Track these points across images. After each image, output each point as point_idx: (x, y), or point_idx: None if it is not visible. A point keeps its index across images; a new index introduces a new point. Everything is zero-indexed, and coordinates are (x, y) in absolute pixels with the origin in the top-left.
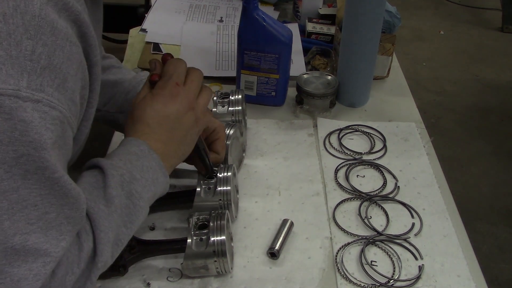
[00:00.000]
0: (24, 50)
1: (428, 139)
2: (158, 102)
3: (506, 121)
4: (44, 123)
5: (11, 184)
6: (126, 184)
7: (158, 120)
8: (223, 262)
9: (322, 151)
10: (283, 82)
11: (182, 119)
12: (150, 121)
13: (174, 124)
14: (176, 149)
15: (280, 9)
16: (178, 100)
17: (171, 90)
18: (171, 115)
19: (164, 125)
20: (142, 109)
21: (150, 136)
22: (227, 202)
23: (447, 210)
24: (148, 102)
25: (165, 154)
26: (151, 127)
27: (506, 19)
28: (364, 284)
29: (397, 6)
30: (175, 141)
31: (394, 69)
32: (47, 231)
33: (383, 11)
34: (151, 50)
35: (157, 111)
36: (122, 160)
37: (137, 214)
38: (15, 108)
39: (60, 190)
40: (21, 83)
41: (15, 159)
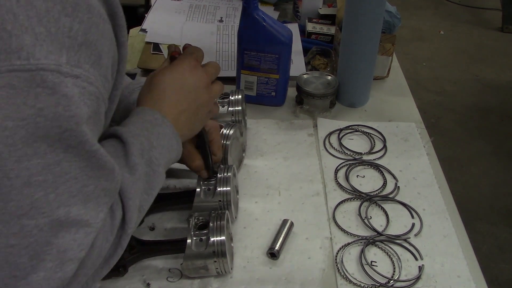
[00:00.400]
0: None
1: (428, 139)
2: (177, 72)
3: (506, 121)
4: (82, 98)
5: (54, 157)
6: (146, 152)
7: (175, 87)
8: (223, 263)
9: (322, 151)
10: (283, 82)
11: (197, 91)
12: (167, 87)
13: (189, 94)
14: (187, 120)
15: (280, 9)
16: (196, 74)
17: (191, 63)
18: (188, 85)
19: (180, 93)
20: (160, 76)
21: (164, 102)
22: (227, 203)
23: (447, 210)
24: (167, 71)
25: (177, 122)
26: (167, 93)
27: (506, 19)
28: (364, 284)
29: (397, 6)
30: (188, 111)
31: (394, 69)
32: (87, 203)
33: (383, 11)
34: (151, 50)
35: (175, 78)
36: (139, 128)
37: (157, 180)
38: (58, 83)
39: (97, 162)
40: (61, 59)
41: (59, 134)
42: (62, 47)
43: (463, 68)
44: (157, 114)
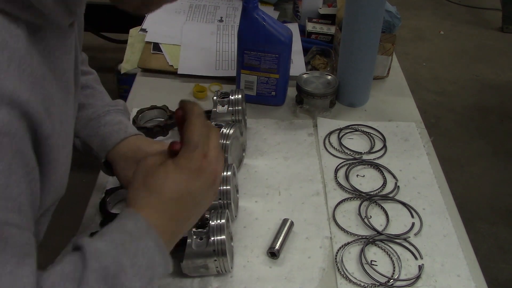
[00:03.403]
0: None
1: (428, 139)
2: (183, 175)
3: (506, 121)
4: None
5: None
6: (110, 279)
7: (179, 197)
8: (223, 262)
9: (322, 151)
10: (283, 82)
11: (203, 196)
12: (168, 196)
13: (196, 200)
14: (188, 226)
15: (280, 9)
16: (204, 176)
17: (199, 164)
18: (195, 192)
19: (183, 203)
20: (162, 180)
21: (163, 214)
22: (227, 202)
23: (447, 210)
24: (171, 175)
25: (175, 234)
26: (167, 204)
27: (506, 19)
28: (364, 283)
29: (397, 6)
30: (191, 218)
31: (394, 69)
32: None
33: (383, 11)
34: (151, 50)
35: (181, 186)
36: (113, 243)
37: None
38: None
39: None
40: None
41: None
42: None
43: (463, 68)
44: (141, 223)
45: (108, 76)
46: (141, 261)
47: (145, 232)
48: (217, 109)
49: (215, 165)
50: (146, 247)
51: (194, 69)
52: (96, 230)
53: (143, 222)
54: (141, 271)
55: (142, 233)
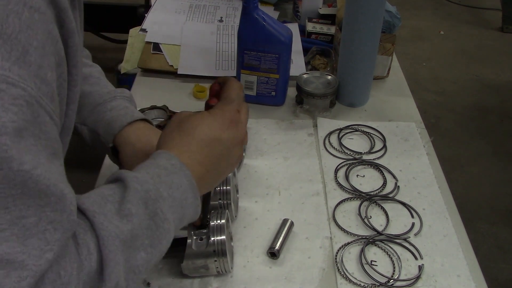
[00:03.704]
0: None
1: (428, 139)
2: (216, 122)
3: (506, 121)
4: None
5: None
6: (151, 202)
7: (210, 141)
8: (223, 262)
9: (322, 151)
10: (283, 82)
11: (231, 149)
12: (200, 138)
13: (223, 152)
14: (213, 178)
15: (280, 9)
16: (236, 129)
17: (232, 116)
18: (224, 141)
19: (212, 148)
20: (196, 123)
21: (193, 154)
22: (226, 202)
23: (447, 210)
24: (206, 119)
25: (202, 179)
26: (198, 145)
27: (506, 19)
28: (364, 283)
29: (397, 6)
30: (217, 169)
31: (394, 69)
32: (26, 240)
33: (383, 11)
34: (151, 50)
35: (213, 131)
36: (149, 174)
37: (160, 237)
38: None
39: (35, 187)
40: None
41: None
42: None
43: (463, 68)
44: (174, 160)
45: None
46: (175, 194)
47: (179, 169)
48: None
49: (244, 125)
50: (179, 183)
51: (194, 69)
52: None
53: (176, 159)
54: (175, 204)
55: (176, 169)
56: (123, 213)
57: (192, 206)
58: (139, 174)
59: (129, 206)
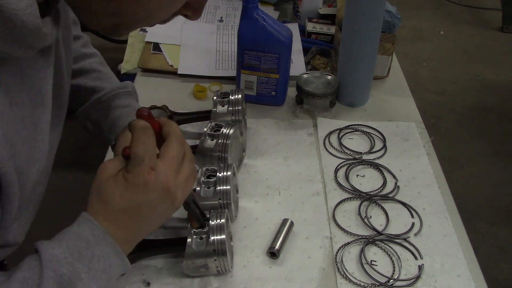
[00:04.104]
0: None
1: (428, 139)
2: (127, 190)
3: (506, 121)
4: None
5: None
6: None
7: (125, 209)
8: (223, 261)
9: (322, 150)
10: (283, 82)
11: (155, 206)
12: (115, 208)
13: (144, 212)
14: (142, 233)
15: (280, 9)
16: (151, 189)
17: (143, 179)
18: (142, 204)
19: (132, 214)
20: (110, 192)
21: (112, 223)
22: (226, 202)
23: (447, 210)
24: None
25: (128, 239)
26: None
27: (506, 19)
28: (364, 283)
29: (397, 6)
30: (143, 226)
31: (394, 69)
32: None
33: (383, 11)
34: (151, 50)
35: (126, 200)
36: (70, 249)
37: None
38: None
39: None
40: None
41: None
42: None
43: (463, 68)
44: (97, 230)
45: None
46: (97, 266)
47: (101, 239)
48: (217, 109)
49: (164, 177)
50: (102, 252)
51: (194, 69)
52: None
53: (99, 229)
54: (98, 274)
55: (98, 239)
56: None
57: (119, 267)
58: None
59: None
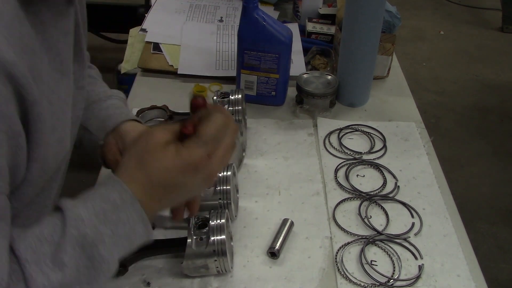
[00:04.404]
0: None
1: (428, 139)
2: (176, 168)
3: (506, 121)
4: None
5: None
6: (88, 247)
7: (166, 184)
8: (223, 261)
9: (322, 150)
10: (283, 82)
11: (193, 188)
12: (157, 180)
13: (182, 191)
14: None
15: (280, 9)
16: (199, 173)
17: (198, 162)
18: (184, 185)
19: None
20: (157, 162)
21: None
22: (226, 202)
23: (447, 210)
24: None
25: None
26: (154, 187)
27: (506, 19)
28: (364, 283)
29: (397, 6)
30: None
31: (394, 69)
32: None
33: (383, 11)
34: (151, 50)
35: (170, 176)
36: (95, 209)
37: (98, 277)
38: None
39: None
40: None
41: None
42: None
43: (463, 68)
44: (126, 194)
45: (108, 76)
46: (121, 231)
47: (130, 204)
48: None
49: (215, 166)
50: (127, 218)
51: (194, 69)
52: None
53: (129, 194)
54: (121, 240)
55: (126, 204)
56: (56, 262)
57: (143, 236)
58: (82, 210)
59: (62, 255)
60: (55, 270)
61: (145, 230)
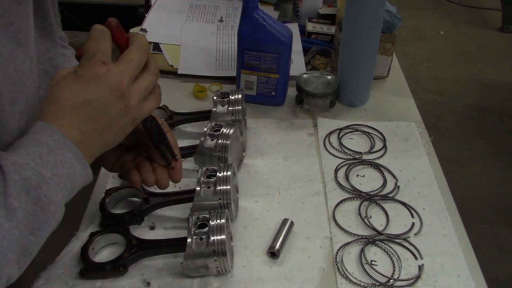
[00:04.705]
0: None
1: (428, 139)
2: (77, 84)
3: (506, 121)
4: None
5: None
6: (32, 189)
7: (76, 105)
8: (223, 261)
9: (322, 150)
10: (283, 82)
11: (106, 106)
12: (66, 104)
13: (96, 111)
14: (97, 139)
15: (280, 9)
16: (102, 83)
17: (94, 72)
18: (92, 101)
19: (82, 111)
20: (60, 89)
21: (64, 121)
22: (227, 202)
23: (447, 210)
24: (68, 82)
25: (84, 143)
26: (66, 112)
27: (506, 19)
28: (364, 283)
29: (397, 6)
30: (97, 130)
31: (394, 69)
32: None
33: (383, 11)
34: (151, 50)
35: (76, 94)
36: (30, 155)
37: (47, 220)
38: None
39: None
40: None
41: None
42: None
43: (463, 68)
44: (57, 135)
45: None
46: (61, 172)
47: (62, 143)
48: (217, 109)
49: (117, 75)
50: (64, 158)
51: (194, 69)
52: (97, 230)
53: (58, 133)
54: (62, 181)
55: (59, 145)
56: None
57: (82, 176)
58: (18, 156)
59: (11, 200)
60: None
61: (83, 168)
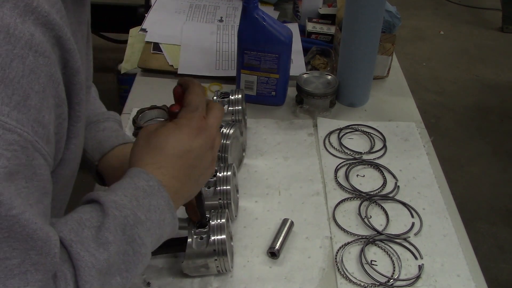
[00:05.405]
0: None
1: (428, 139)
2: (184, 134)
3: (506, 121)
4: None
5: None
6: (129, 228)
7: (181, 153)
8: (223, 261)
9: (322, 150)
10: (283, 82)
11: (203, 157)
12: (171, 152)
13: (195, 161)
14: (189, 189)
15: (280, 9)
16: (203, 136)
17: (199, 123)
18: (195, 150)
19: (185, 160)
20: (164, 137)
21: (167, 170)
22: (227, 202)
23: (447, 210)
24: (173, 132)
25: (178, 193)
26: (170, 160)
27: (506, 19)
28: (364, 283)
29: (397, 6)
30: (192, 180)
31: (394, 69)
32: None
33: (383, 11)
34: (151, 50)
35: (182, 143)
36: (128, 197)
37: (136, 262)
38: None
39: (22, 231)
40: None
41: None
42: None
43: (463, 68)
44: (153, 181)
45: (108, 76)
46: (153, 217)
47: (157, 190)
48: None
49: (213, 130)
50: (158, 205)
51: (194, 69)
52: None
53: (155, 180)
54: (153, 226)
55: (154, 190)
56: (100, 241)
57: (170, 225)
58: (117, 197)
59: (106, 234)
60: (100, 250)
61: (172, 218)
